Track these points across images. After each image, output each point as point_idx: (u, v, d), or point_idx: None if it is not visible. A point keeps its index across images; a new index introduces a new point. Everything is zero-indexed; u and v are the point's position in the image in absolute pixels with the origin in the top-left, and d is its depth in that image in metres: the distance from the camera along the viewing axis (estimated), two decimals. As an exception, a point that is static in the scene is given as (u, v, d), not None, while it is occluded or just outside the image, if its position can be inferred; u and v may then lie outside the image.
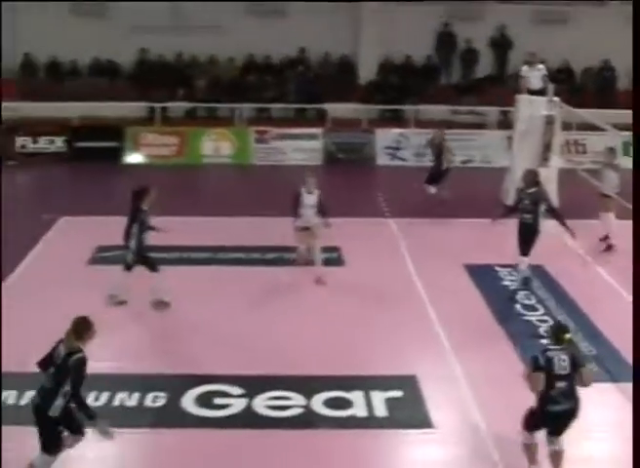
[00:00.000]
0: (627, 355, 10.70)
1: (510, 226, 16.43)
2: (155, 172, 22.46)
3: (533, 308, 14.40)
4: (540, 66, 20.78)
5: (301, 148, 24.53)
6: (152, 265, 13.79)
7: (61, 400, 8.55)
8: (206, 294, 14.26)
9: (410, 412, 10.95)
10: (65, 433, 8.90)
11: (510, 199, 19.95)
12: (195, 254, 16.38)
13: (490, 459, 9.99)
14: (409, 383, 11.59)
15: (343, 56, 27.60)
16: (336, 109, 25.43)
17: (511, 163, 20.65)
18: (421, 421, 10.75)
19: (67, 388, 8.53)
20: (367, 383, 11.54)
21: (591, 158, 24.55)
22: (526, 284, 14.97)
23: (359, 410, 10.95)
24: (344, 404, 11.05)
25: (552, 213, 13.90)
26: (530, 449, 9.42)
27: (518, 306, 14.52)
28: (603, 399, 11.10)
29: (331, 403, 11.04)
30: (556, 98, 20.03)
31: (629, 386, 10.13)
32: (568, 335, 9.27)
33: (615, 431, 10.63)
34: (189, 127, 25.24)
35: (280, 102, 26.59)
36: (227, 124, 25.27)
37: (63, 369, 8.55)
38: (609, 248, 17.08)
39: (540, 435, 9.38)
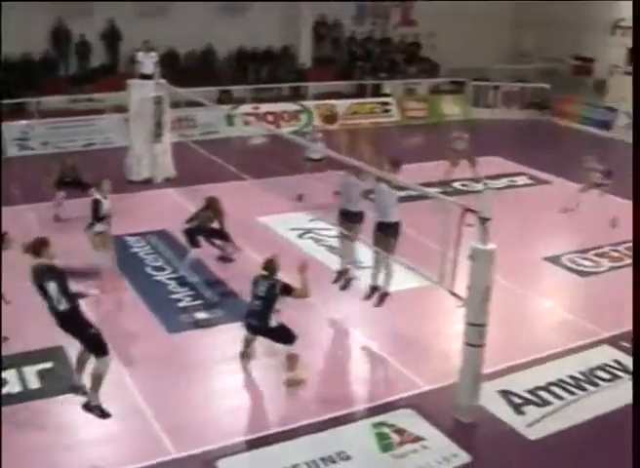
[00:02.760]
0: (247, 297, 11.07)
1: (138, 199, 16.40)
2: None
3: (161, 269, 14.56)
4: (153, 54, 20.93)
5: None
6: None
7: None
8: None
9: (61, 380, 10.66)
10: None
11: (133, 174, 20.10)
12: None
13: (139, 409, 10.16)
14: (57, 354, 11.29)
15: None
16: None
17: (130, 142, 20.64)
18: (72, 386, 10.55)
19: None
20: (17, 360, 11.11)
21: (200, 130, 25.23)
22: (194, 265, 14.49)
23: (13, 387, 10.57)
24: (-3, 383, 10.60)
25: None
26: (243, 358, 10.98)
27: (149, 269, 14.59)
28: (229, 337, 11.66)
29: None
30: (163, 81, 20.23)
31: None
32: (275, 265, 10.59)
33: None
34: None
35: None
36: None
37: None
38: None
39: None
